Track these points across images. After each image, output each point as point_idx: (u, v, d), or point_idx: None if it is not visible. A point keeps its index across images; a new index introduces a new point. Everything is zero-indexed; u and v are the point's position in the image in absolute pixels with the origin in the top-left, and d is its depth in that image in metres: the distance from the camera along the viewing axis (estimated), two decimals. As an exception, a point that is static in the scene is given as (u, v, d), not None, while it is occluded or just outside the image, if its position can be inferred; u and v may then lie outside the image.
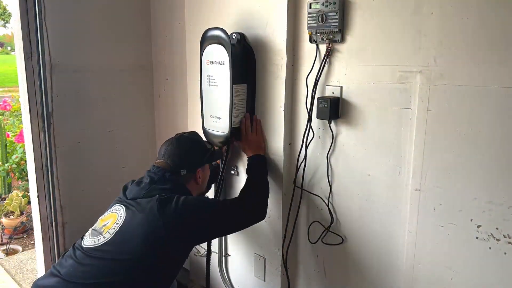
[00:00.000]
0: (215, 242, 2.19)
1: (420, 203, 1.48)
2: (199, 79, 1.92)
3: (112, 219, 1.55)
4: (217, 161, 1.98)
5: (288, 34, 1.72)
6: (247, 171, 1.81)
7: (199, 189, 1.79)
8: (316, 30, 1.61)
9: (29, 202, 3.35)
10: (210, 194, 2.07)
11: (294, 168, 1.80)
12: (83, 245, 1.52)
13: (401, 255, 1.56)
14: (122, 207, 1.57)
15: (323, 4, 1.57)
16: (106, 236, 1.49)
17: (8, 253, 3.08)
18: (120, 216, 1.53)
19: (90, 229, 1.60)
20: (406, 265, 1.55)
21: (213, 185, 2.03)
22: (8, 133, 4.30)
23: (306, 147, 1.75)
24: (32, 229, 3.25)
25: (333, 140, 1.68)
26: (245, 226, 1.73)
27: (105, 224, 1.55)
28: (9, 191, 3.85)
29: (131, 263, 1.45)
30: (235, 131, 1.85)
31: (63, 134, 2.25)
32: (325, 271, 1.82)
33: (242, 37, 1.83)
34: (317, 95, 1.67)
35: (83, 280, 1.42)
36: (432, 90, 1.39)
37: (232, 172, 2.05)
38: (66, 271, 1.45)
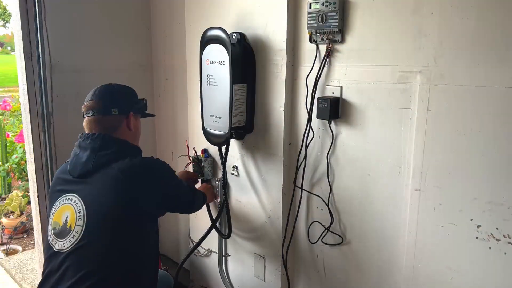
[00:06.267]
0: (215, 242, 2.19)
1: (420, 203, 1.48)
2: (199, 79, 1.92)
3: (69, 211, 1.43)
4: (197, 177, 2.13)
5: (288, 34, 1.72)
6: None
7: (132, 138, 1.63)
8: (316, 30, 1.61)
9: (29, 202, 3.35)
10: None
11: (294, 168, 1.80)
12: (59, 250, 1.42)
13: (401, 255, 1.56)
14: (72, 195, 1.46)
15: (323, 4, 1.57)
16: (78, 229, 1.40)
17: (8, 253, 3.08)
18: (77, 203, 1.43)
19: (51, 235, 1.47)
20: (406, 265, 1.55)
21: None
22: (8, 133, 4.30)
23: (306, 147, 1.75)
24: (32, 229, 3.24)
25: (333, 140, 1.68)
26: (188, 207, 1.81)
27: (66, 220, 1.43)
28: (9, 191, 3.85)
29: (112, 236, 1.41)
30: (235, 130, 1.86)
31: (63, 134, 2.25)
32: (325, 271, 1.82)
33: (242, 37, 1.83)
34: (317, 95, 1.67)
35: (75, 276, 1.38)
36: (432, 90, 1.39)
37: (232, 173, 2.05)
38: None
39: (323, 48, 1.63)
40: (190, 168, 2.17)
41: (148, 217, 1.51)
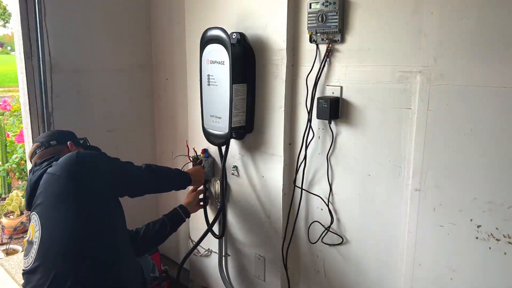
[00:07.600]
0: (215, 242, 2.19)
1: (420, 203, 1.48)
2: (199, 79, 1.92)
3: (31, 228, 1.52)
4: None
5: (288, 34, 1.72)
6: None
7: None
8: (316, 30, 1.61)
9: (29, 202, 3.34)
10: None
11: (294, 168, 1.80)
12: (25, 269, 1.48)
13: (401, 255, 1.56)
14: (33, 213, 1.55)
15: (323, 4, 1.57)
16: (37, 234, 1.47)
17: (8, 253, 3.08)
18: (35, 218, 1.51)
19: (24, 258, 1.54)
20: (406, 265, 1.55)
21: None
22: (8, 133, 4.30)
23: (306, 147, 1.75)
24: (32, 229, 3.24)
25: (333, 140, 1.68)
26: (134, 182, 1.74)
27: (29, 237, 1.52)
28: (9, 191, 3.84)
29: (69, 221, 1.45)
30: (235, 130, 1.86)
31: (63, 134, 2.25)
32: (325, 271, 1.82)
33: (242, 37, 1.83)
34: (317, 95, 1.67)
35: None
36: (432, 90, 1.39)
37: (232, 173, 2.05)
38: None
39: (323, 48, 1.63)
40: (190, 166, 2.17)
41: (99, 197, 1.53)
